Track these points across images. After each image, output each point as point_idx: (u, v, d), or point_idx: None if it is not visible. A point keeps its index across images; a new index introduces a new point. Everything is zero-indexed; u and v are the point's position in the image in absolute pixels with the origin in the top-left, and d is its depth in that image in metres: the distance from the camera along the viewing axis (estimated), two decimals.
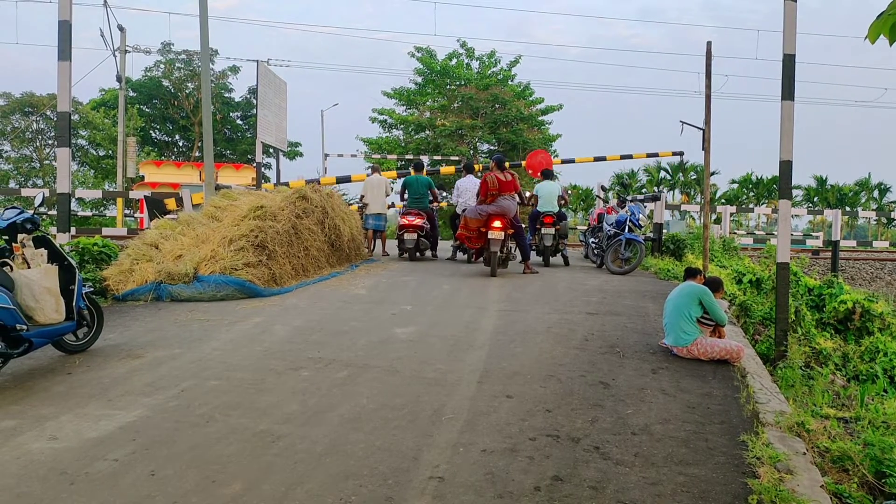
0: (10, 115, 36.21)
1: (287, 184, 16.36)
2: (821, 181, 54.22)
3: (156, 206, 12.76)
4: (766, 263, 10.68)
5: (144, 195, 13.93)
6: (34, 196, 6.48)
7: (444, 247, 13.73)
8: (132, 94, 38.01)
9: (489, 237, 9.72)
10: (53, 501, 2.93)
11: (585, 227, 16.78)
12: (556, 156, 35.56)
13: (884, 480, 3.53)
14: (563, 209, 12.12)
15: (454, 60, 33.97)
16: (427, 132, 33.35)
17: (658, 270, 10.91)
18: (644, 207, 13.55)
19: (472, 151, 32.59)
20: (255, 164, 14.36)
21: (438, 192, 12.99)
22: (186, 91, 38.93)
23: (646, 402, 4.39)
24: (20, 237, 4.95)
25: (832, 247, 17.14)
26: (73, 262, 5.30)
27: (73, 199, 17.04)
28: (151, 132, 41.21)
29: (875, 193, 54.45)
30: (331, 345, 5.73)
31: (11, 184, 34.88)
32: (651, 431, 3.87)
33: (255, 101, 14.75)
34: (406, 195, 12.26)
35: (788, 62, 6.22)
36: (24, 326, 4.55)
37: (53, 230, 8.79)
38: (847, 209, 48.30)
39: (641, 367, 5.22)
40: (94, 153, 38.05)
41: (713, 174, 49.38)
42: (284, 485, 3.11)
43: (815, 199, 54.08)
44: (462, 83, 33.24)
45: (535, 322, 6.74)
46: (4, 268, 4.77)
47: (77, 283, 5.20)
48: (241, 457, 3.41)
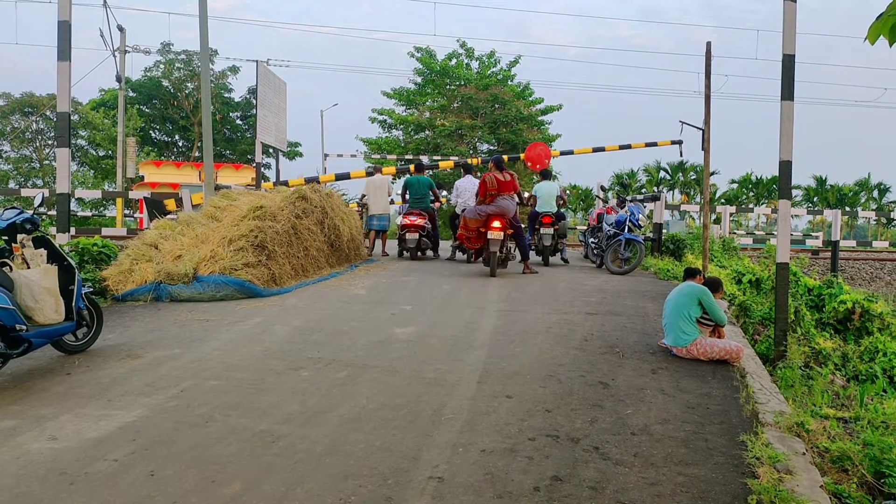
0: (10, 116, 36.24)
1: (286, 182, 16.37)
2: (820, 181, 54.26)
3: (155, 207, 12.77)
4: (766, 263, 10.69)
5: (144, 196, 13.93)
6: (34, 196, 6.47)
7: (444, 247, 13.81)
8: (132, 95, 38.00)
9: (488, 237, 9.71)
10: (53, 501, 2.93)
11: (585, 227, 16.80)
12: (556, 154, 35.61)
13: (883, 480, 3.53)
14: (562, 209, 12.24)
15: (454, 60, 33.95)
16: (427, 132, 33.33)
17: (658, 270, 10.92)
18: (644, 207, 13.57)
19: (472, 151, 32.59)
20: (255, 165, 14.35)
21: (438, 192, 13.11)
22: (186, 91, 38.93)
23: (645, 403, 4.39)
24: (20, 237, 4.95)
25: (832, 247, 17.15)
26: (73, 263, 5.31)
27: (73, 200, 17.05)
28: (151, 132, 41.20)
29: (875, 193, 54.49)
30: (330, 345, 5.73)
31: (11, 184, 34.89)
32: (650, 431, 3.88)
33: (255, 102, 14.75)
34: (407, 195, 12.40)
35: (788, 62, 6.22)
36: (24, 327, 4.55)
37: (53, 230, 8.79)
38: (847, 209, 48.33)
39: (641, 368, 5.22)
40: (94, 153, 38.06)
41: (713, 174, 49.40)
42: (284, 485, 3.11)
43: (815, 199, 54.10)
44: (462, 83, 33.22)
45: (535, 322, 6.74)
46: (4, 268, 4.77)
47: (76, 284, 5.21)
48: (241, 457, 3.41)
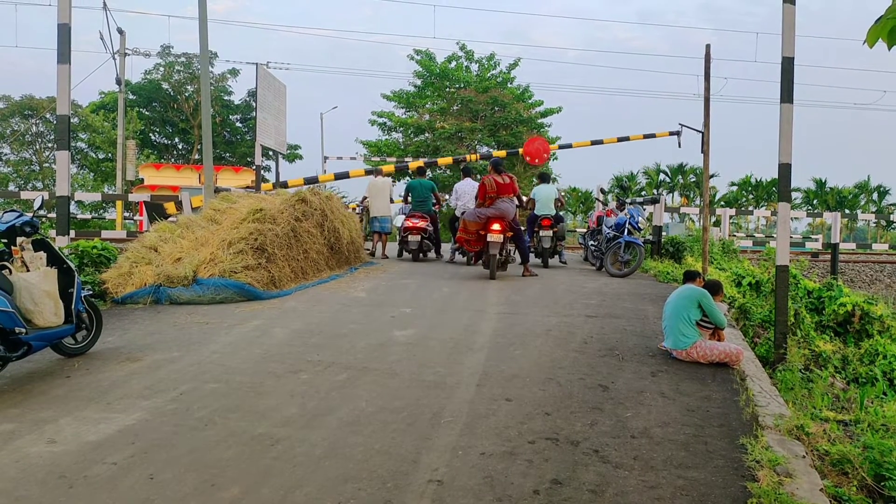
0: (10, 118, 36.24)
1: (286, 183, 16.41)
2: (820, 184, 54.27)
3: (155, 210, 12.78)
4: (766, 266, 10.66)
5: (144, 201, 13.92)
6: (34, 199, 6.47)
7: (445, 249, 13.86)
8: (132, 97, 38.03)
9: (488, 240, 9.71)
10: None
11: (585, 230, 16.82)
12: (555, 157, 35.61)
13: (883, 483, 3.53)
14: (560, 212, 12.38)
15: (453, 63, 33.99)
16: (426, 135, 33.35)
17: (657, 273, 10.92)
18: (643, 210, 13.61)
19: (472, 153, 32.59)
20: (255, 167, 14.34)
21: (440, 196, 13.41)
22: (186, 94, 38.95)
23: (645, 406, 4.39)
24: (19, 240, 4.95)
25: (831, 249, 17.14)
26: (72, 266, 5.30)
27: (73, 202, 17.05)
28: (151, 135, 41.22)
29: (874, 196, 54.50)
30: (330, 348, 5.72)
31: (11, 187, 34.88)
32: (650, 435, 3.87)
33: (255, 104, 14.74)
34: (410, 199, 12.73)
35: (788, 65, 6.21)
36: (23, 330, 4.55)
37: (53, 233, 8.79)
38: (846, 212, 48.38)
39: (641, 370, 5.22)
40: (94, 156, 38.06)
41: (712, 177, 49.39)
42: (283, 488, 3.10)
43: (815, 202, 54.10)
44: (461, 86, 33.25)
45: (535, 325, 6.74)
46: (3, 271, 4.76)
47: (76, 287, 5.21)
48: (240, 460, 3.41)
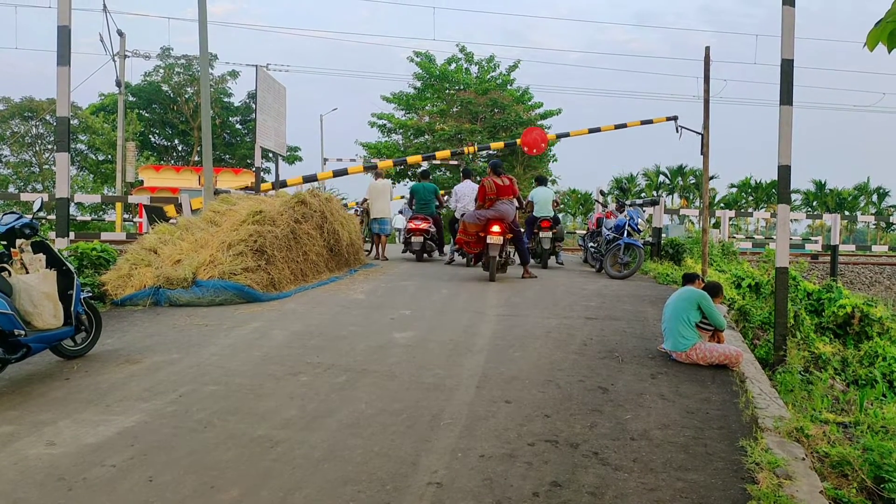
0: (10, 120, 36.28)
1: (284, 182, 16.48)
2: (820, 185, 54.34)
3: (156, 213, 12.77)
4: (765, 268, 10.65)
5: (144, 204, 13.93)
6: (33, 201, 6.46)
7: (447, 249, 14.03)
8: (131, 99, 38.05)
9: (488, 242, 9.70)
10: None
11: (584, 232, 16.84)
12: (555, 159, 35.63)
13: (883, 485, 3.52)
14: (557, 213, 12.72)
15: (453, 65, 33.99)
16: (426, 136, 33.34)
17: (657, 275, 10.92)
18: (643, 212, 13.62)
19: (472, 156, 32.58)
20: (255, 169, 14.33)
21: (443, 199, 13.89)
22: (186, 96, 38.97)
23: (645, 408, 4.38)
24: (19, 242, 4.95)
25: (831, 251, 17.14)
26: (72, 268, 5.30)
27: (72, 204, 17.05)
28: (151, 137, 41.25)
29: (874, 197, 54.58)
30: (329, 350, 5.72)
31: (11, 188, 34.91)
32: (650, 437, 3.87)
33: (255, 106, 14.74)
34: (413, 201, 13.20)
35: (787, 67, 6.21)
36: (23, 332, 4.55)
37: (52, 234, 8.79)
38: (846, 213, 48.40)
39: (640, 372, 5.22)
40: (94, 158, 38.08)
41: (712, 178, 49.41)
42: (282, 490, 3.10)
43: (814, 204, 54.16)
44: (461, 88, 33.25)
45: (534, 327, 6.74)
46: (3, 273, 4.76)
47: (75, 289, 5.20)
48: (240, 462, 3.40)
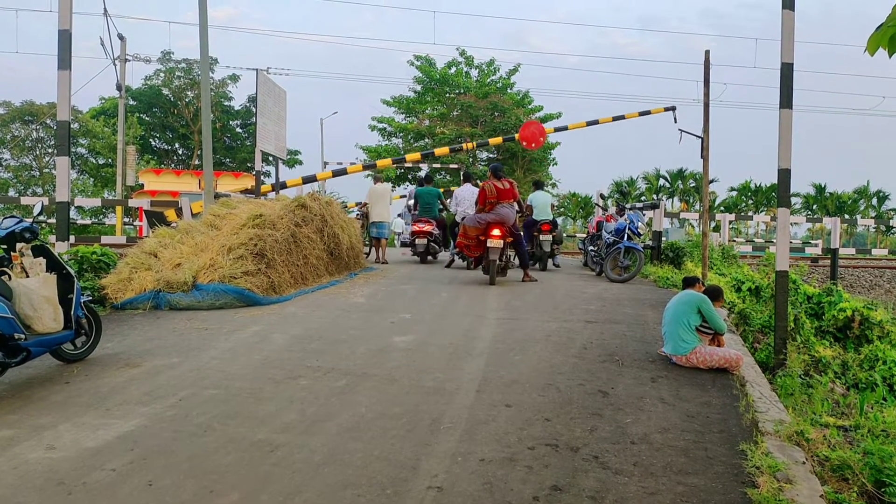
0: (10, 124, 36.32)
1: (284, 183, 16.56)
2: (819, 189, 54.32)
3: (156, 218, 12.77)
4: (766, 271, 10.65)
5: (145, 210, 13.95)
6: (34, 204, 6.48)
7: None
8: (132, 103, 38.09)
9: (488, 245, 9.71)
10: None
11: (584, 235, 16.85)
12: (555, 163, 35.65)
13: (884, 489, 3.52)
14: (555, 217, 13.10)
15: (453, 69, 34.05)
16: (426, 140, 33.39)
17: (657, 278, 10.92)
18: (643, 215, 13.62)
19: (472, 160, 32.63)
20: (255, 173, 14.36)
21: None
22: (186, 99, 39.03)
23: (645, 411, 4.38)
24: (19, 246, 4.96)
25: (831, 254, 17.14)
26: (72, 271, 5.31)
27: (73, 208, 17.08)
28: (151, 140, 41.29)
29: (874, 201, 54.55)
30: (329, 353, 5.72)
31: (11, 192, 34.93)
32: (650, 440, 3.87)
33: (255, 110, 14.77)
34: (417, 205, 13.44)
35: (787, 71, 6.22)
36: (23, 335, 4.55)
37: (52, 238, 8.79)
38: (846, 217, 48.39)
39: (640, 376, 5.21)
40: (94, 161, 38.12)
41: (712, 182, 49.39)
42: (282, 495, 3.10)
43: (814, 207, 54.14)
44: (461, 91, 33.31)
45: (534, 330, 6.73)
46: (3, 277, 4.76)
47: (75, 292, 5.21)
48: (239, 466, 3.40)
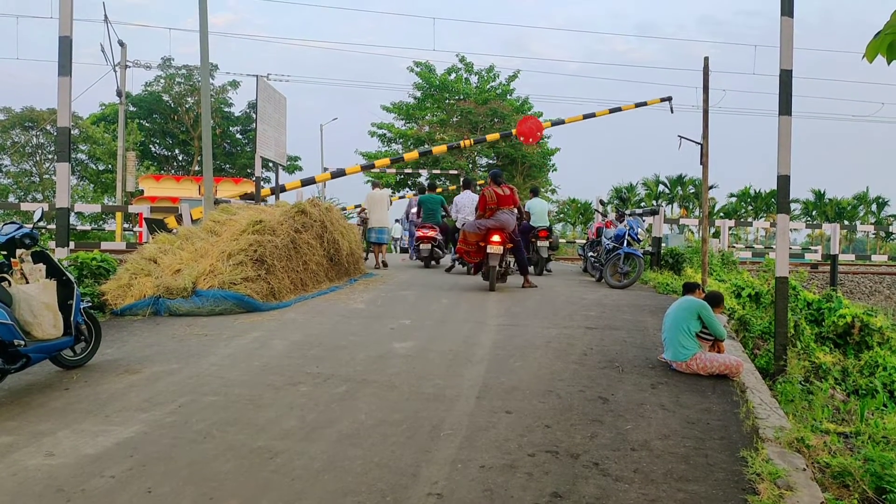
0: (11, 130, 36.35)
1: (283, 186, 16.62)
2: (819, 195, 54.36)
3: (157, 224, 12.76)
4: (765, 277, 10.65)
5: (145, 218, 13.95)
6: (34, 210, 6.48)
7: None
8: (132, 109, 38.18)
9: (488, 251, 9.71)
10: None
11: (584, 241, 16.87)
12: (555, 169, 35.71)
13: (884, 496, 3.51)
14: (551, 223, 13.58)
15: (453, 75, 34.15)
16: (426, 146, 33.44)
17: (657, 284, 10.92)
18: (643, 221, 13.65)
19: (471, 165, 32.69)
20: (255, 179, 14.37)
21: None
22: (186, 105, 39.10)
23: (645, 418, 4.37)
24: (19, 252, 4.95)
25: (831, 260, 17.15)
26: (72, 278, 5.30)
27: (73, 214, 17.08)
28: (151, 146, 41.36)
29: (873, 207, 54.55)
30: (329, 360, 5.71)
31: (11, 198, 34.93)
32: (650, 447, 3.86)
33: (255, 116, 14.80)
34: (421, 211, 13.81)
35: (786, 77, 6.24)
36: (22, 342, 4.54)
37: (52, 244, 8.80)
38: (845, 223, 48.43)
39: (641, 382, 5.21)
40: (94, 167, 38.15)
41: (711, 188, 49.48)
42: (282, 502, 3.09)
43: (814, 213, 54.16)
44: (461, 97, 33.40)
45: (534, 336, 6.73)
46: (3, 283, 4.77)
47: (75, 298, 5.20)
48: (239, 473, 3.39)
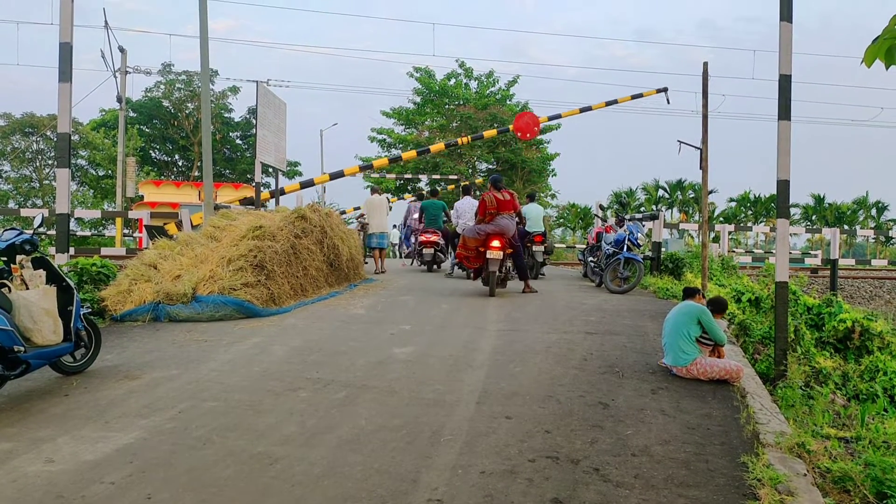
0: (11, 136, 36.36)
1: (282, 189, 16.65)
2: (819, 199, 54.39)
3: (157, 231, 12.77)
4: (765, 282, 10.65)
5: (145, 225, 13.98)
6: (34, 216, 6.49)
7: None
8: (132, 115, 38.20)
9: (487, 257, 9.70)
10: None
11: (584, 246, 16.88)
12: (554, 174, 35.72)
13: (885, 501, 3.51)
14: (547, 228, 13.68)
15: (453, 80, 34.19)
16: (424, 146, 33.47)
17: (657, 289, 10.91)
18: (642, 226, 13.67)
19: (471, 171, 32.70)
20: (255, 184, 14.40)
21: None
22: (186, 111, 39.14)
23: (645, 423, 4.37)
24: (19, 258, 4.96)
25: (831, 265, 17.15)
26: (72, 283, 5.30)
27: (73, 219, 17.08)
28: (151, 152, 41.37)
29: (873, 212, 54.58)
30: (329, 365, 5.71)
31: (11, 204, 34.95)
32: (651, 453, 3.85)
33: (255, 122, 14.83)
34: (423, 216, 13.95)
35: (785, 82, 6.25)
36: (22, 348, 4.54)
37: (52, 250, 8.79)
38: (845, 227, 48.46)
39: (641, 388, 5.20)
40: (94, 173, 38.16)
41: (711, 193, 49.51)
42: None
43: (814, 218, 54.19)
44: (461, 103, 33.43)
45: (534, 342, 6.73)
46: (3, 289, 4.76)
47: (75, 304, 5.20)
48: (239, 479, 3.39)
